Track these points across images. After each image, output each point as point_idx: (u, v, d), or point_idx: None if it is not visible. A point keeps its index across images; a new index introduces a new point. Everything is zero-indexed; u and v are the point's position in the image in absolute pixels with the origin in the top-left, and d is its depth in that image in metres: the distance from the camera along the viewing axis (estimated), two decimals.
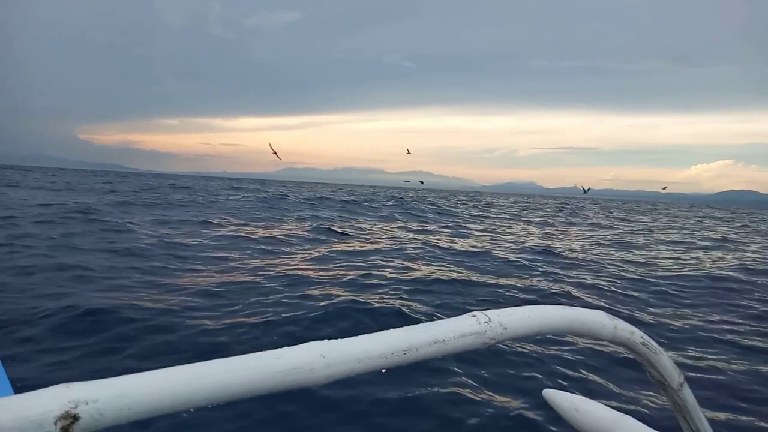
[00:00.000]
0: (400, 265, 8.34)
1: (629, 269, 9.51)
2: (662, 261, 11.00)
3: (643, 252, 12.71)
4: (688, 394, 1.00)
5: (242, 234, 11.67)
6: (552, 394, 1.26)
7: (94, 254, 7.80)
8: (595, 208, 54.50)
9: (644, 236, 18.04)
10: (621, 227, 22.39)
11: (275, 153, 18.61)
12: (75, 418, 0.52)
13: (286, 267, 7.76)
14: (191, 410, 0.58)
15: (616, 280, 8.27)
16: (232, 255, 8.62)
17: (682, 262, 10.97)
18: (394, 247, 10.63)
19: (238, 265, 7.73)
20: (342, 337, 0.70)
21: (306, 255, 9.05)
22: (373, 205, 26.97)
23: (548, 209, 39.39)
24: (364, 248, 10.26)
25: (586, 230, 19.54)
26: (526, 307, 0.85)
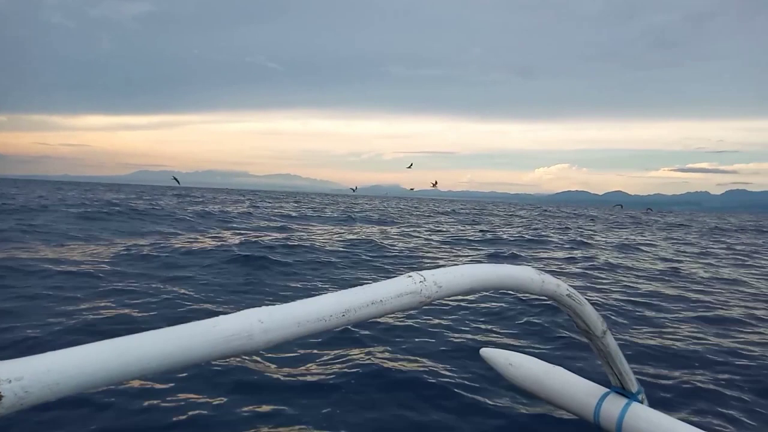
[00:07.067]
0: None
1: None
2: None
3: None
4: (610, 341, 1.10)
5: None
6: (488, 352, 1.36)
7: None
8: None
9: None
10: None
11: None
12: None
13: None
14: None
15: None
16: None
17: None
18: None
19: None
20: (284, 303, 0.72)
21: None
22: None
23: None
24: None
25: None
26: (460, 266, 0.93)
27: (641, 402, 1.15)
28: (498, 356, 1.33)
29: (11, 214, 15.34)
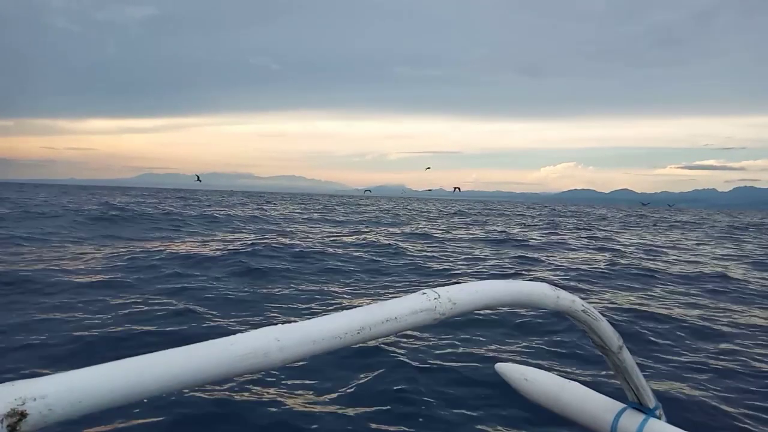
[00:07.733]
0: None
1: None
2: None
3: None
4: (627, 356, 1.07)
5: None
6: (503, 367, 1.33)
7: None
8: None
9: None
10: None
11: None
12: (22, 414, 0.52)
13: None
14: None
15: None
16: None
17: None
18: None
19: None
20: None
21: None
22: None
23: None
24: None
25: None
26: (474, 282, 0.91)
27: (659, 418, 1.11)
28: (513, 371, 1.30)
29: (17, 221, 15.00)
